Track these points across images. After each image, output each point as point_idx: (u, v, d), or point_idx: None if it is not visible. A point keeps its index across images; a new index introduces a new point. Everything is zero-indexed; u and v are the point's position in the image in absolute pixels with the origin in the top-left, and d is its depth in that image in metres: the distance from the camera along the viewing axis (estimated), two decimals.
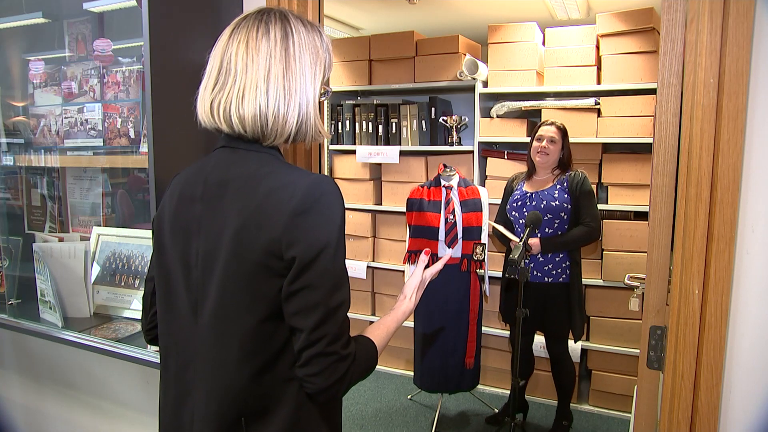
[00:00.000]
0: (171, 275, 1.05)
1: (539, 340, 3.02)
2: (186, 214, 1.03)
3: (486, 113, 3.54)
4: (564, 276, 2.75)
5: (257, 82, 0.96)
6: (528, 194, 2.80)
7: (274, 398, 0.98)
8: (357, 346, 1.00)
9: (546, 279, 2.76)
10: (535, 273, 2.76)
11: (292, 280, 0.93)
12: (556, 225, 2.73)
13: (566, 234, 2.72)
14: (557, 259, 2.75)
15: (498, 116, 3.46)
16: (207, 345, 1.00)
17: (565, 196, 2.71)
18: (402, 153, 3.56)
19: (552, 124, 2.79)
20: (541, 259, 2.75)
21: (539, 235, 2.73)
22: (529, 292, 2.77)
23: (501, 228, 2.83)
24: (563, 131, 2.77)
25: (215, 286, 0.98)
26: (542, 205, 2.72)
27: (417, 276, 1.24)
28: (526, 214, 2.71)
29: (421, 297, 1.25)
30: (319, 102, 1.08)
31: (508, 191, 2.95)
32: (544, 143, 2.74)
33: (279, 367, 0.97)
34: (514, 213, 2.85)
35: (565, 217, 2.72)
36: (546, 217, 2.71)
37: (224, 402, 0.98)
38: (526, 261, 2.76)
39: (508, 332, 3.25)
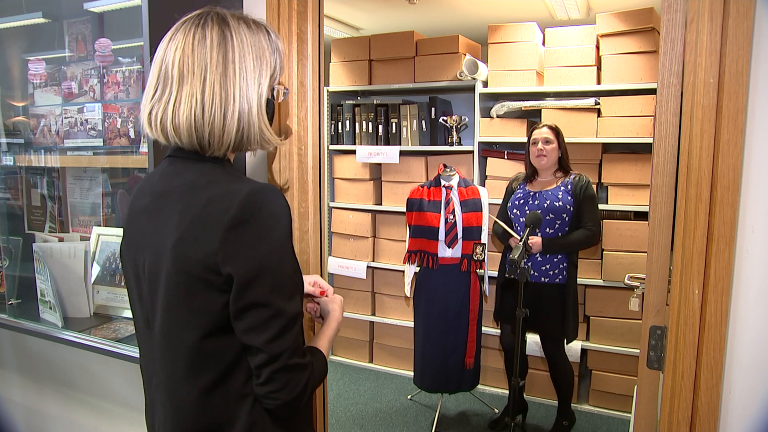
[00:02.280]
0: (130, 287, 1.04)
1: (533, 339, 3.01)
2: (135, 226, 1.02)
3: (486, 113, 3.54)
4: (561, 277, 2.76)
5: (194, 90, 0.92)
6: (531, 193, 2.81)
7: (226, 416, 0.94)
8: (311, 355, 0.98)
9: (542, 279, 2.77)
10: (532, 273, 2.77)
11: (238, 298, 0.89)
12: (557, 226, 2.75)
13: (568, 236, 2.73)
14: (555, 260, 2.76)
15: (498, 116, 3.46)
16: (159, 360, 0.98)
17: (569, 198, 2.73)
18: (402, 153, 3.57)
19: (543, 126, 2.82)
20: (539, 258, 2.76)
21: (539, 234, 2.75)
22: (525, 292, 2.78)
23: (503, 223, 2.84)
24: (556, 131, 2.80)
25: (160, 300, 0.95)
26: (545, 205, 2.73)
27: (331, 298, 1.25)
28: (527, 212, 2.73)
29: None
30: (275, 104, 1.04)
31: (509, 191, 2.96)
32: (539, 145, 2.77)
33: (231, 383, 0.94)
34: (515, 211, 2.85)
35: (567, 218, 2.74)
36: (548, 217, 2.73)
37: (178, 419, 0.97)
38: (526, 260, 2.77)
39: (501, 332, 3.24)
